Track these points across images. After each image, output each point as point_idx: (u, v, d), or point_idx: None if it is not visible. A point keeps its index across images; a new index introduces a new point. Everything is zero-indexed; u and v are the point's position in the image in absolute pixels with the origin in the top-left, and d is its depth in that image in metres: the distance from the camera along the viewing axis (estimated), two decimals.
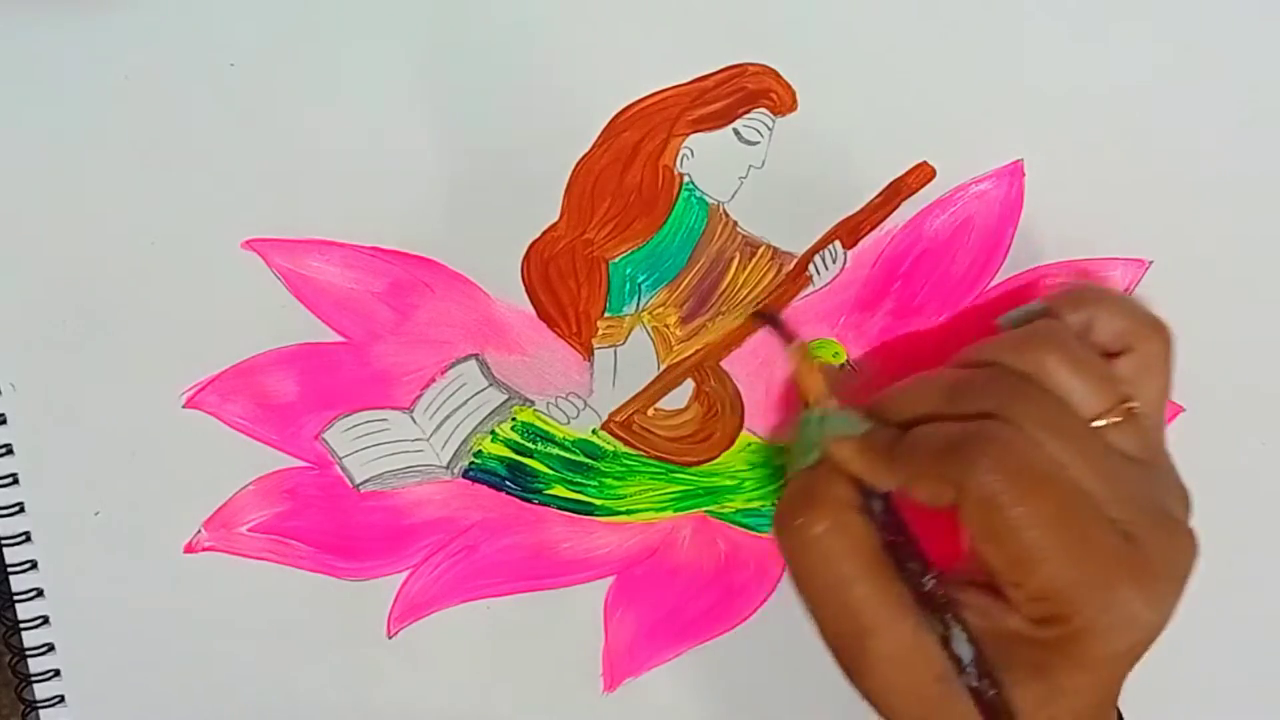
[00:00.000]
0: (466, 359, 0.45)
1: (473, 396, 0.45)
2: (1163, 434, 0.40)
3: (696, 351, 0.45)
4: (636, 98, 0.42)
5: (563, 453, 0.46)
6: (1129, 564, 0.35)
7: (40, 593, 0.44)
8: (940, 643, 0.36)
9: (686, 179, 0.43)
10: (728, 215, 0.44)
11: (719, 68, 0.42)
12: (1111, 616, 0.35)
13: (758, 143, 0.43)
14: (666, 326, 0.45)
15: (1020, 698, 0.36)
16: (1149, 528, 0.36)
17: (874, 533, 0.38)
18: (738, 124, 0.43)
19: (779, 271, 0.44)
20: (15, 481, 0.44)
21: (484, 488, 0.46)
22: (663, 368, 0.45)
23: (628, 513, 0.47)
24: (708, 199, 0.43)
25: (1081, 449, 0.36)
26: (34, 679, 0.44)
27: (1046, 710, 0.36)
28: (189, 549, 0.45)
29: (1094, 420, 0.37)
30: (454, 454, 0.45)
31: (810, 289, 0.45)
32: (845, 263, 0.44)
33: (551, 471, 0.46)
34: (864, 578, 0.37)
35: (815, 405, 0.41)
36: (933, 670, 0.36)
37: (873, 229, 0.44)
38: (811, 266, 0.44)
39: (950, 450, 0.36)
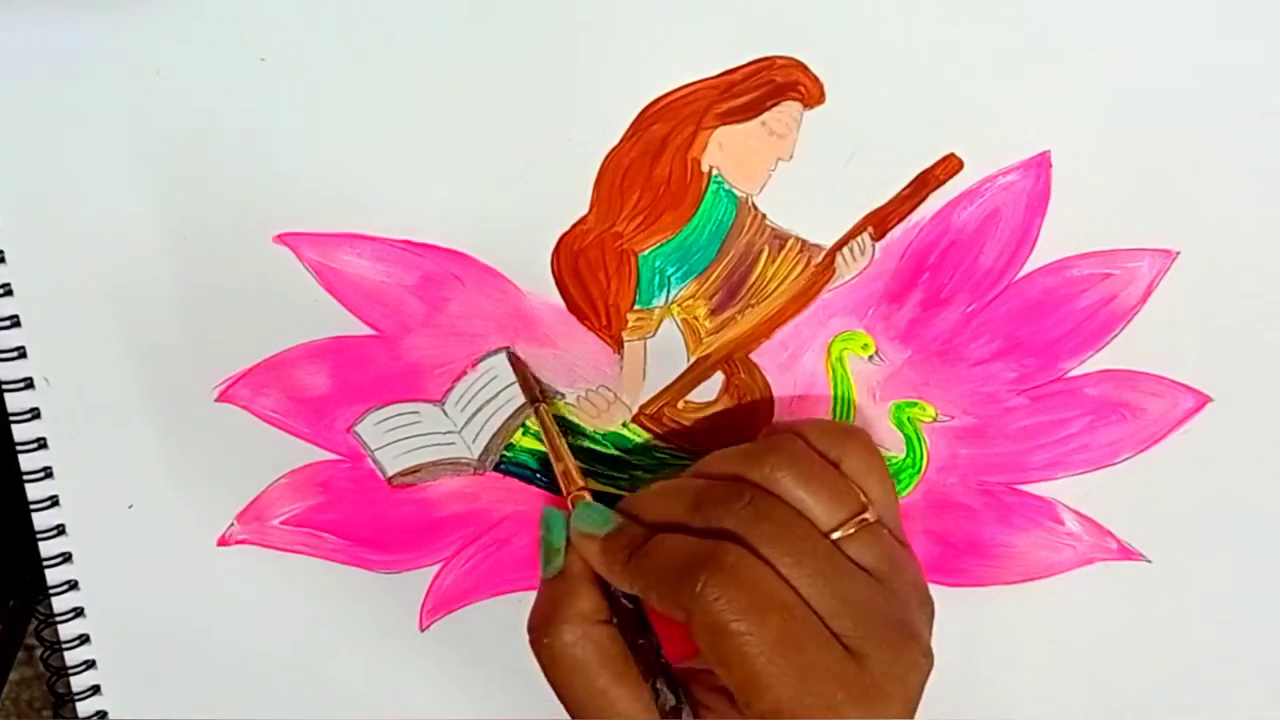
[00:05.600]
0: (497, 352, 0.45)
1: (503, 389, 0.45)
2: (901, 539, 0.41)
3: (726, 344, 0.45)
4: (665, 91, 0.42)
5: (593, 446, 0.46)
6: (852, 683, 0.36)
7: (75, 585, 0.45)
8: None
9: (715, 172, 0.43)
10: (756, 208, 0.43)
11: (747, 61, 0.42)
12: None
13: (786, 135, 0.43)
14: (696, 319, 0.45)
15: None
16: (876, 643, 0.37)
17: (619, 639, 0.40)
18: (766, 117, 0.42)
19: (808, 264, 0.44)
20: (50, 475, 0.44)
21: (515, 481, 0.46)
22: (692, 360, 0.45)
23: None
24: (736, 192, 0.43)
25: (812, 565, 0.37)
26: (69, 671, 0.45)
27: None
28: (222, 542, 0.46)
29: (832, 532, 0.39)
30: (485, 447, 0.45)
31: (838, 281, 0.45)
32: (874, 255, 0.44)
33: (582, 465, 0.45)
34: (615, 690, 0.39)
35: (567, 494, 0.42)
36: None
37: (901, 221, 0.44)
38: (840, 258, 0.44)
39: (682, 574, 0.37)
